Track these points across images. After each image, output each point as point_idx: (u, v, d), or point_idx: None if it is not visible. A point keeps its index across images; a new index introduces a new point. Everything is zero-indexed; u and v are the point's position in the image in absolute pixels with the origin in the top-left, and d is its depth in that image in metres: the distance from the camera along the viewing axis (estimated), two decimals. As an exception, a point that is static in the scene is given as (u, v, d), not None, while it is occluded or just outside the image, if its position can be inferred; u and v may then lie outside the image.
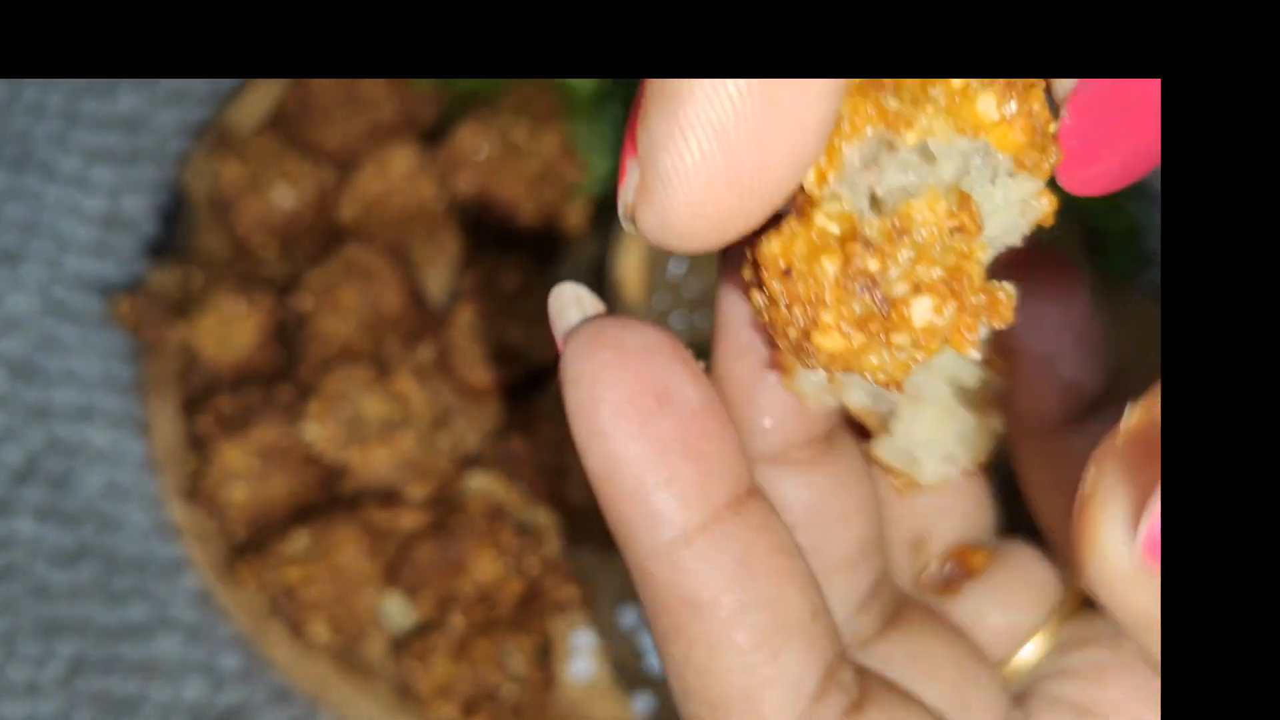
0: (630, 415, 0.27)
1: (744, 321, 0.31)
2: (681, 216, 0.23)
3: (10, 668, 0.79)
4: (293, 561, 0.74)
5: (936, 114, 0.24)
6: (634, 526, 0.27)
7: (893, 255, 0.24)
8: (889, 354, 0.25)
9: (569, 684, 0.78)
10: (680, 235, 0.24)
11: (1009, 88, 0.24)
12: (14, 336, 0.85)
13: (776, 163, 0.23)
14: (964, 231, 0.24)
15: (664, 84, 0.23)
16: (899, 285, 0.24)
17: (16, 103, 0.89)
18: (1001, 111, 0.24)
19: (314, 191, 0.82)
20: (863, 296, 0.24)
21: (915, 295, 0.24)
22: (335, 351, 0.78)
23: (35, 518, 0.82)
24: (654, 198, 0.23)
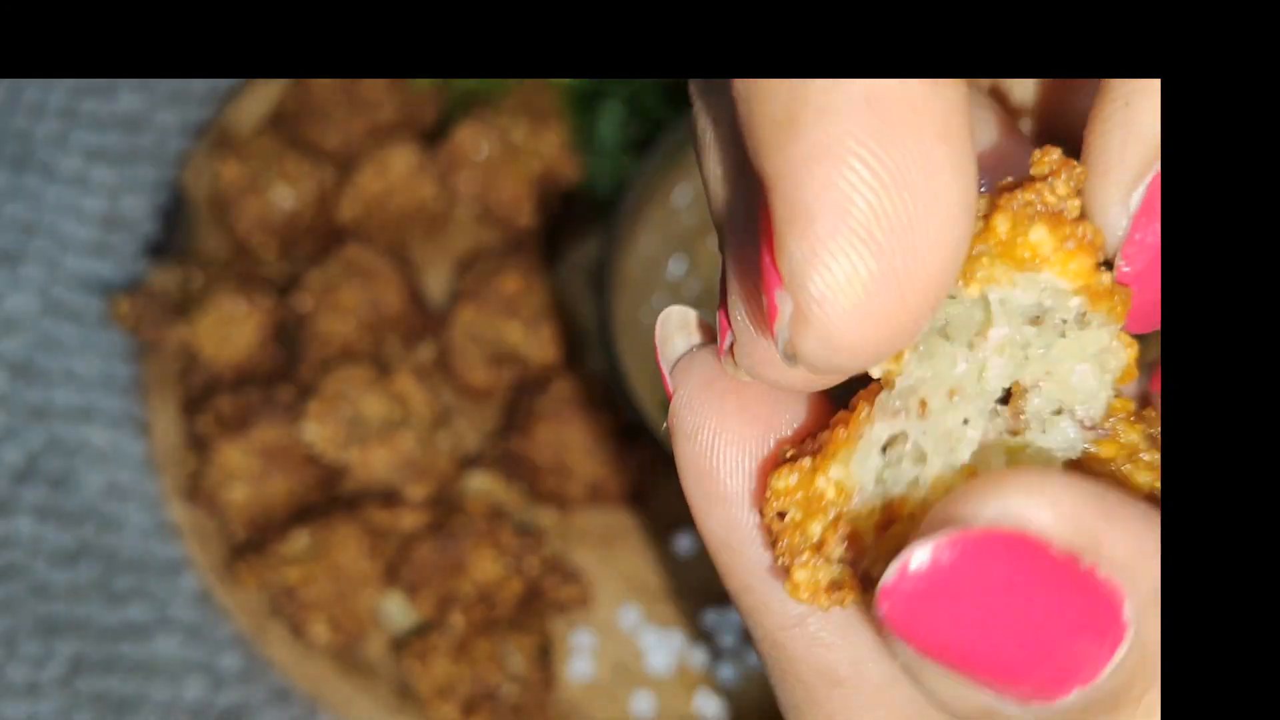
0: (752, 481, 0.25)
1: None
2: (845, 333, 0.21)
3: (10, 667, 0.79)
4: (292, 561, 0.74)
5: (992, 261, 0.23)
6: (765, 599, 0.26)
7: (873, 547, 0.24)
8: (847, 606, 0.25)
9: (569, 684, 0.78)
10: (849, 352, 0.21)
11: (1057, 221, 0.23)
12: (14, 336, 0.85)
13: (926, 249, 0.21)
14: None
15: (792, 203, 0.21)
16: (876, 567, 0.24)
17: (17, 102, 0.89)
18: (1057, 241, 0.23)
19: (314, 191, 0.82)
20: (838, 567, 0.24)
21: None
22: (335, 351, 0.79)
23: (35, 517, 0.82)
24: (813, 322, 0.21)
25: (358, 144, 0.83)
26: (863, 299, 0.21)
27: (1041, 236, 0.23)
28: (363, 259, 0.79)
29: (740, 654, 0.80)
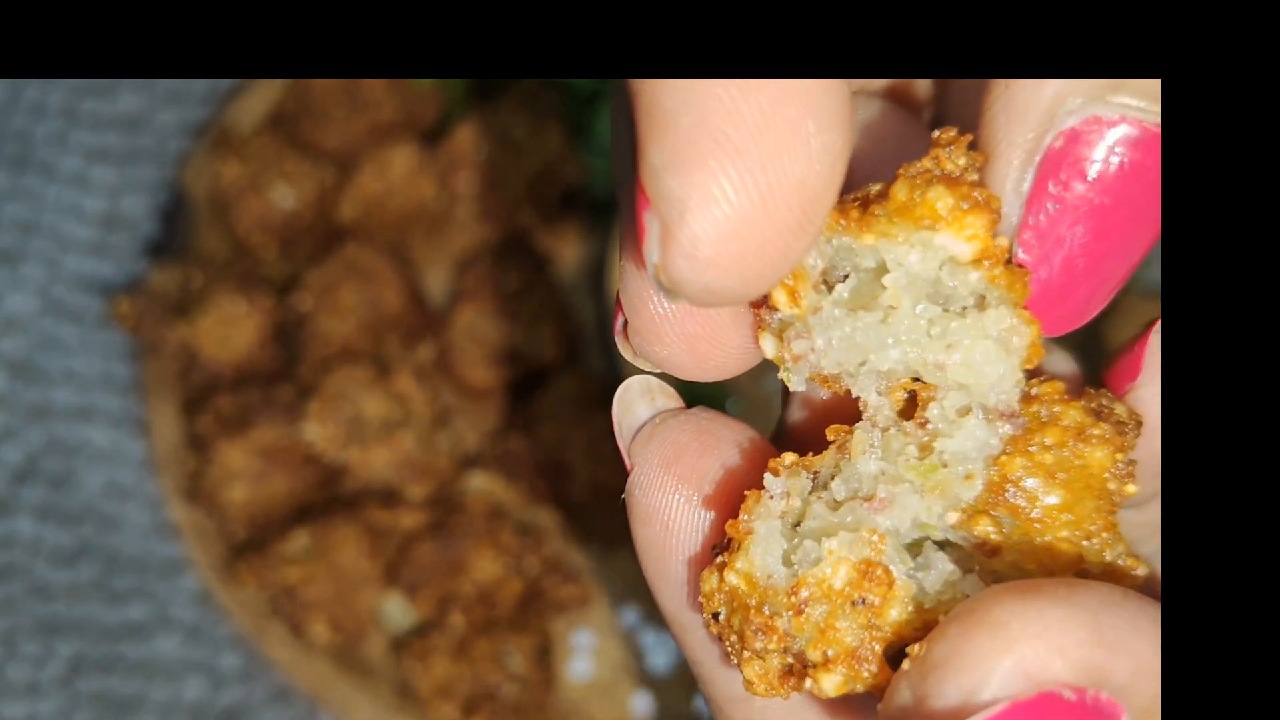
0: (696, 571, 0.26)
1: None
2: (711, 244, 0.21)
3: (10, 667, 0.79)
4: (293, 561, 0.74)
5: (890, 219, 0.24)
6: (710, 673, 0.27)
7: (798, 623, 0.24)
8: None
9: (569, 683, 0.79)
10: (718, 269, 0.21)
11: (954, 183, 0.23)
12: (14, 336, 0.85)
13: (789, 158, 0.21)
14: (868, 605, 0.24)
15: (652, 113, 0.20)
16: (810, 651, 0.24)
17: (17, 103, 0.89)
18: (953, 203, 0.23)
19: (314, 191, 0.82)
20: (777, 657, 0.25)
21: (824, 669, 0.24)
22: (335, 351, 0.79)
23: (35, 517, 0.82)
24: (677, 235, 0.21)
25: (358, 144, 0.83)
26: (724, 206, 0.20)
27: (939, 194, 0.23)
28: (362, 259, 0.79)
29: None
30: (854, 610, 0.24)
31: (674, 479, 0.26)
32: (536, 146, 0.83)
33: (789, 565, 0.25)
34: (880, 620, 0.24)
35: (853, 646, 0.24)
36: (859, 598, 0.24)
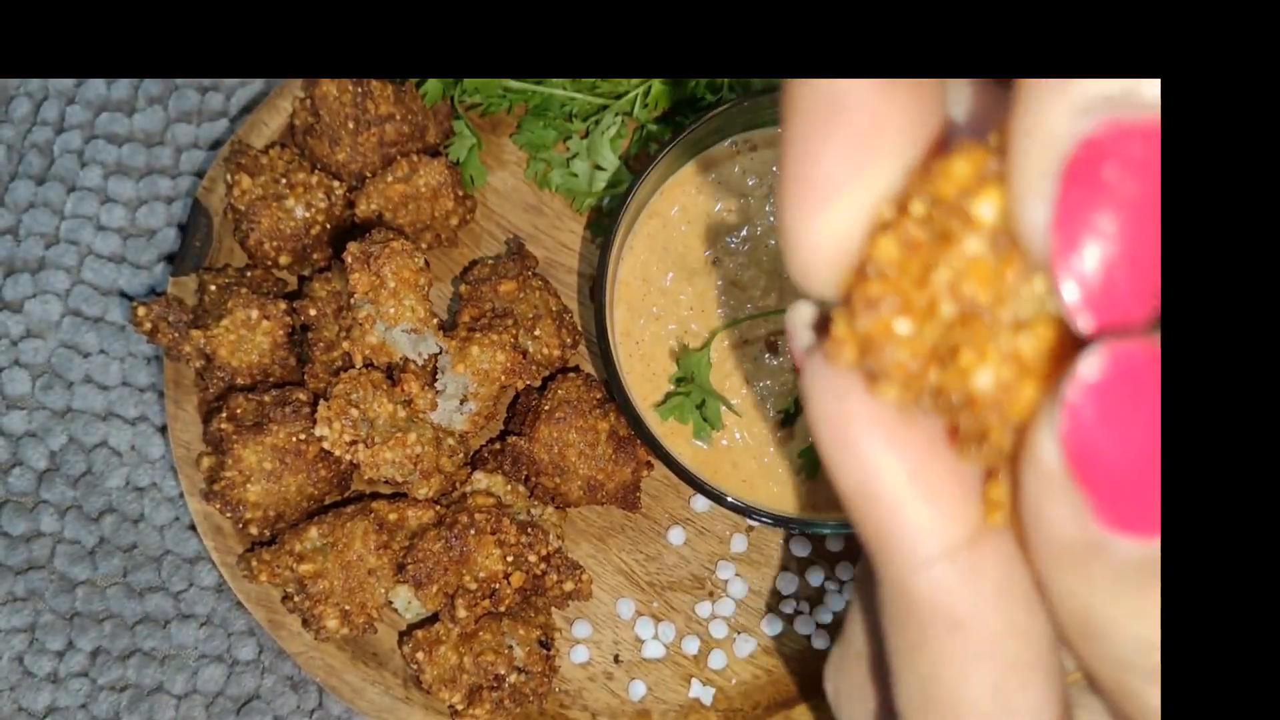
0: (883, 428, 0.26)
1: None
2: (797, 262, 0.26)
3: (33, 659, 0.80)
4: (305, 556, 0.75)
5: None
6: (894, 540, 0.26)
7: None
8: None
9: (569, 673, 0.80)
10: (804, 275, 0.26)
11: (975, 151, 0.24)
12: (38, 342, 0.86)
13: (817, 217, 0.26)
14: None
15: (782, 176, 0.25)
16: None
17: (39, 117, 0.90)
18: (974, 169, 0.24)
19: (324, 203, 0.82)
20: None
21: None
22: (344, 356, 0.79)
23: (58, 515, 0.83)
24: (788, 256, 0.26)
25: (366, 159, 0.84)
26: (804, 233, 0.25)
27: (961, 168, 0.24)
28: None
29: (730, 643, 0.81)
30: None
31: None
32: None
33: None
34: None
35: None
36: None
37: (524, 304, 0.81)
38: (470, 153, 0.86)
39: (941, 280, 0.24)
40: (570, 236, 0.87)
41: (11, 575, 0.82)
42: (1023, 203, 0.23)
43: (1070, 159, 0.23)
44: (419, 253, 0.77)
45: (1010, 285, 0.24)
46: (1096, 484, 0.23)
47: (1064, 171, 0.23)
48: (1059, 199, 0.23)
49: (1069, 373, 0.23)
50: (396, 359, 0.79)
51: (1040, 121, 0.23)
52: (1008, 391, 0.24)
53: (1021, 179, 0.23)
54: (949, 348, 0.24)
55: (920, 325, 0.24)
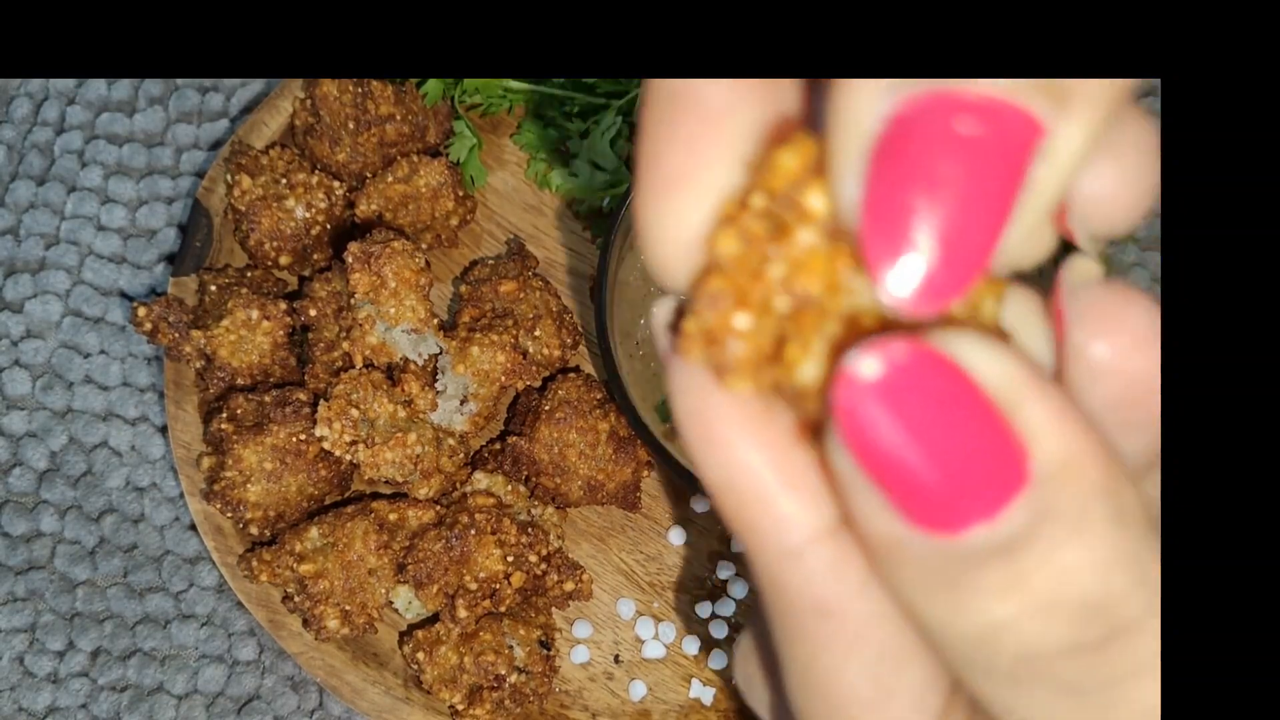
0: (742, 421, 0.26)
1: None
2: (651, 250, 0.26)
3: (33, 659, 0.80)
4: (305, 556, 0.75)
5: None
6: (763, 532, 0.26)
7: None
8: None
9: (569, 673, 0.80)
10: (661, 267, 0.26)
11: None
12: (38, 342, 0.86)
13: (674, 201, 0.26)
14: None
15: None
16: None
17: (39, 118, 0.90)
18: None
19: (324, 204, 0.82)
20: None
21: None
22: (343, 356, 0.79)
23: (58, 515, 0.83)
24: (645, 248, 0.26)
25: (366, 159, 0.84)
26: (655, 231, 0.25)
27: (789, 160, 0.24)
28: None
29: (731, 643, 0.81)
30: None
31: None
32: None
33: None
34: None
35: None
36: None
37: (524, 304, 0.81)
38: (470, 153, 0.86)
39: (776, 273, 0.24)
40: (570, 237, 0.87)
41: (12, 575, 0.81)
42: (838, 186, 0.23)
43: (879, 137, 0.23)
44: (419, 253, 0.77)
45: (843, 277, 0.24)
46: (888, 483, 0.23)
47: (873, 151, 0.23)
48: (868, 179, 0.23)
49: (837, 372, 0.23)
50: (397, 359, 0.79)
51: (850, 101, 0.23)
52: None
53: (835, 161, 0.23)
54: (780, 341, 0.25)
55: (759, 319, 0.25)
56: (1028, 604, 0.23)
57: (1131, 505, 0.23)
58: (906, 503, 0.23)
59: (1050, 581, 0.23)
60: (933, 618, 0.24)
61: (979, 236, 0.23)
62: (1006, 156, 0.22)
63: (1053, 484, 0.23)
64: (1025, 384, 0.23)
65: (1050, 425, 0.23)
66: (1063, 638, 0.23)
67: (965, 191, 0.22)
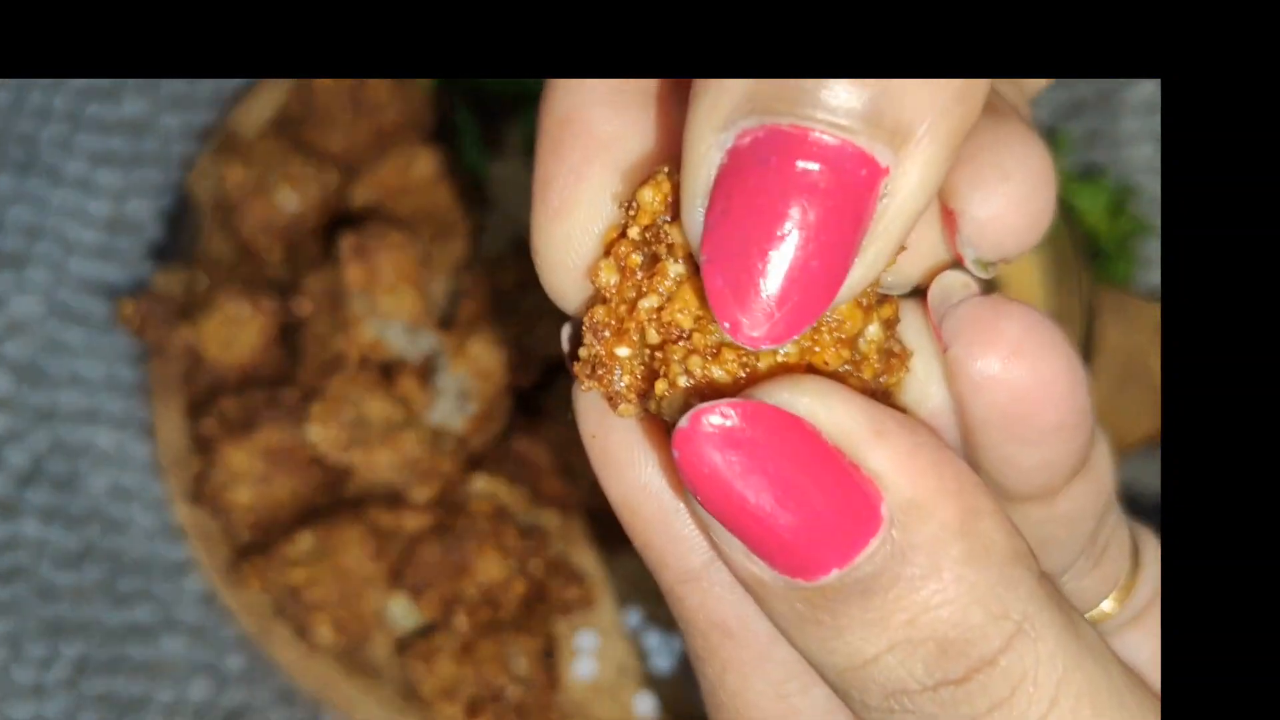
0: (639, 445, 0.28)
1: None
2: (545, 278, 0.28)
3: (16, 669, 0.80)
4: (297, 563, 0.75)
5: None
6: (662, 553, 0.28)
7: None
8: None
9: (573, 685, 0.79)
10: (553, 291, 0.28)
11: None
12: (19, 339, 0.85)
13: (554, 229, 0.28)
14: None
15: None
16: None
17: (22, 106, 0.90)
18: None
19: (317, 195, 0.82)
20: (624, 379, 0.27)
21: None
22: (336, 354, 0.79)
23: (41, 520, 0.82)
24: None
25: (362, 147, 0.84)
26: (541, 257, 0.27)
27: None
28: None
29: None
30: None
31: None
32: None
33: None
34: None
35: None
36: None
37: (525, 298, 0.80)
38: (471, 142, 0.86)
39: (649, 305, 0.26)
40: None
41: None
42: (685, 221, 0.24)
43: (719, 173, 0.23)
44: (416, 245, 0.78)
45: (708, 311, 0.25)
46: (740, 531, 0.25)
47: (713, 187, 0.24)
48: (707, 215, 0.24)
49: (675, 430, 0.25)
50: (393, 356, 0.79)
51: (695, 134, 0.24)
52: None
53: (683, 196, 0.24)
54: (651, 373, 0.26)
55: (637, 349, 0.26)
56: (889, 641, 0.24)
57: (992, 538, 0.24)
58: (762, 549, 0.25)
59: (909, 620, 0.24)
60: (807, 651, 0.26)
61: (818, 275, 0.23)
62: (845, 195, 0.23)
63: (905, 526, 0.24)
64: (868, 429, 0.24)
65: (898, 467, 0.24)
66: (925, 674, 0.24)
67: (804, 230, 0.23)
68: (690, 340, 0.26)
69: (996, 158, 0.26)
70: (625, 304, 0.26)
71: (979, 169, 0.27)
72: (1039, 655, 0.24)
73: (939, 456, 0.25)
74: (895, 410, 0.25)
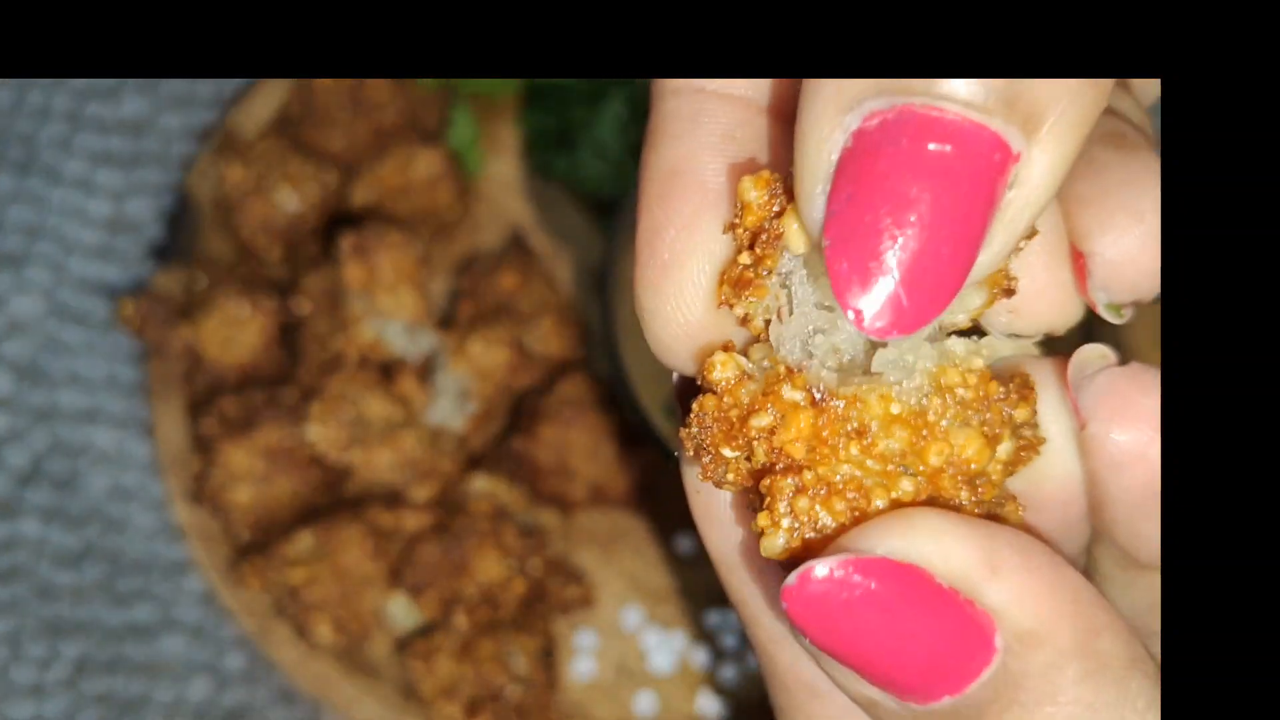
0: (736, 511, 0.29)
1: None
2: (657, 338, 0.28)
3: (16, 669, 0.79)
4: (297, 562, 0.74)
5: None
6: (758, 613, 0.29)
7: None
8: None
9: (572, 684, 0.79)
10: (665, 351, 0.28)
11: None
12: (19, 339, 0.85)
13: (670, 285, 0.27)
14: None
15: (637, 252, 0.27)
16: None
17: (22, 106, 0.89)
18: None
19: (317, 194, 0.82)
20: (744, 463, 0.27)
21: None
22: (336, 353, 0.79)
23: (40, 519, 0.82)
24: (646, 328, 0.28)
25: (361, 147, 0.83)
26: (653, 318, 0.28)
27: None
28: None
29: (741, 655, 0.80)
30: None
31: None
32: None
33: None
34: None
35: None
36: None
37: (525, 298, 0.81)
38: (470, 142, 0.86)
39: (760, 425, 0.26)
40: (573, 228, 0.86)
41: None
42: (803, 208, 0.24)
43: (844, 156, 0.23)
44: (416, 245, 0.78)
45: (829, 446, 0.25)
46: (854, 667, 0.25)
47: (837, 170, 0.23)
48: (831, 200, 0.23)
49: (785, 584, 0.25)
50: (392, 356, 0.79)
51: (814, 117, 0.23)
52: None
53: (799, 182, 0.24)
54: (758, 480, 0.26)
55: (742, 455, 0.26)
56: None
57: (1110, 653, 0.24)
58: (874, 681, 0.25)
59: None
60: None
61: (948, 262, 0.23)
62: (977, 180, 0.22)
63: (1020, 655, 0.24)
64: (983, 567, 0.24)
65: (1014, 599, 0.24)
66: None
67: (933, 213, 0.22)
68: (800, 476, 0.25)
69: (1128, 198, 0.26)
70: (736, 407, 0.26)
71: (1110, 210, 0.26)
72: None
73: (1055, 579, 0.25)
74: (1011, 530, 0.25)
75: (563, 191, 0.86)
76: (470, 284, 0.81)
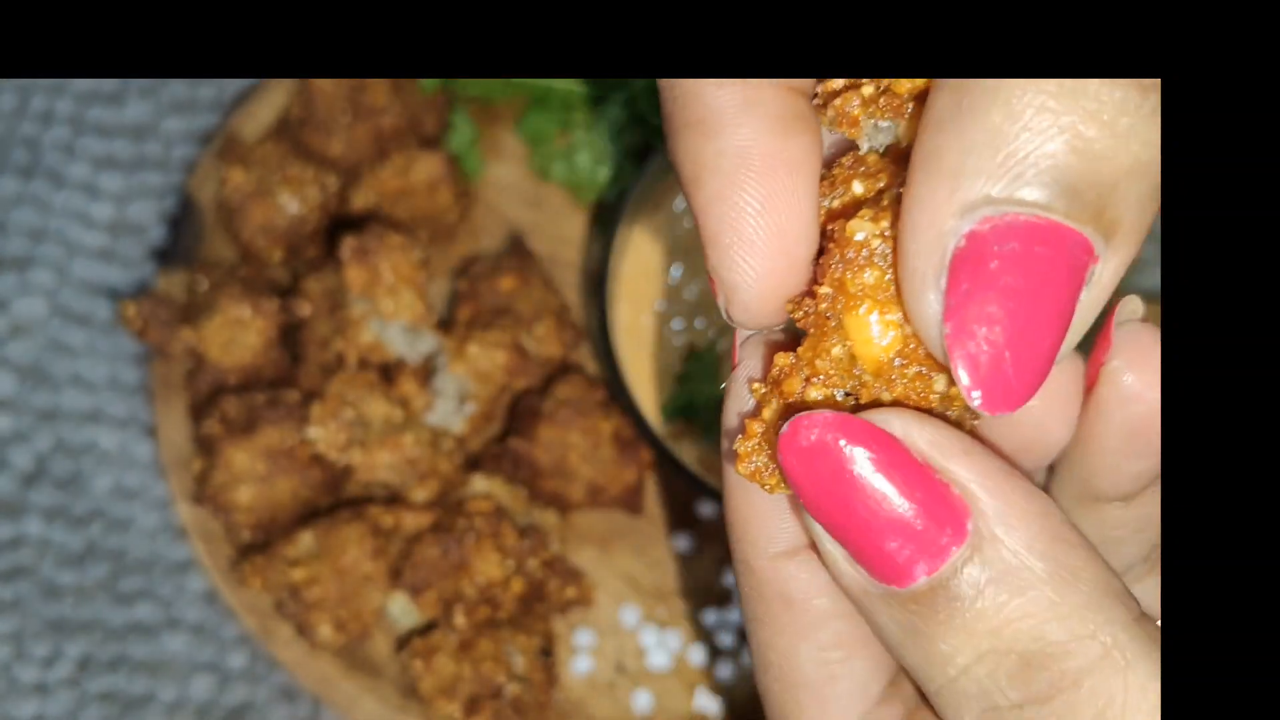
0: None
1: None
2: (745, 306, 0.30)
3: (19, 667, 0.79)
4: (298, 562, 0.74)
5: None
6: (753, 536, 0.31)
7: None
8: None
9: (570, 682, 0.79)
10: (754, 316, 0.30)
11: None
12: (23, 341, 0.85)
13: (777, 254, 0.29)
14: None
15: (704, 231, 0.29)
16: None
17: (26, 111, 0.89)
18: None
19: (317, 197, 0.82)
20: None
21: None
22: (337, 355, 0.79)
23: (44, 519, 0.82)
24: (730, 300, 0.29)
25: (362, 151, 0.83)
26: (746, 289, 0.29)
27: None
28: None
29: (738, 653, 0.80)
30: None
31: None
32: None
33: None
34: None
35: None
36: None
37: (524, 301, 0.80)
38: (469, 145, 0.86)
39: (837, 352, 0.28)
40: (572, 231, 0.86)
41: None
42: (915, 295, 0.26)
43: (957, 253, 0.25)
44: (416, 248, 0.77)
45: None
46: (839, 533, 0.27)
47: (952, 264, 0.25)
48: (951, 291, 0.25)
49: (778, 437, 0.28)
50: (392, 358, 0.79)
51: (930, 219, 0.25)
52: None
53: (911, 276, 0.26)
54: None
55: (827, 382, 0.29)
56: (975, 651, 0.26)
57: (1079, 562, 0.26)
58: (859, 555, 0.27)
59: (992, 630, 0.26)
60: (910, 665, 0.28)
61: (1047, 343, 0.25)
62: (1070, 279, 0.25)
63: (991, 539, 0.26)
64: (957, 446, 0.27)
65: (984, 481, 0.26)
66: (1010, 688, 0.26)
67: (1042, 309, 0.25)
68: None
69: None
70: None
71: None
72: (1128, 683, 0.25)
73: (1026, 484, 0.27)
74: (982, 441, 0.28)
75: (561, 195, 0.86)
76: (470, 286, 0.81)
